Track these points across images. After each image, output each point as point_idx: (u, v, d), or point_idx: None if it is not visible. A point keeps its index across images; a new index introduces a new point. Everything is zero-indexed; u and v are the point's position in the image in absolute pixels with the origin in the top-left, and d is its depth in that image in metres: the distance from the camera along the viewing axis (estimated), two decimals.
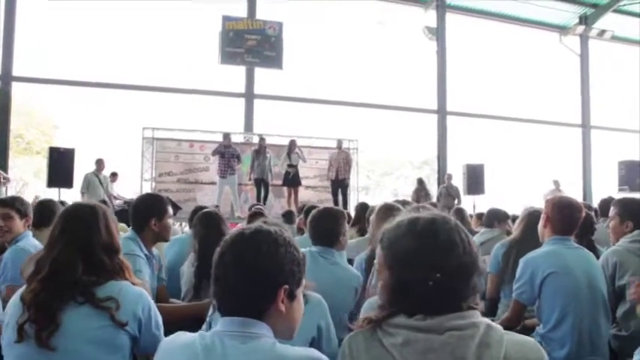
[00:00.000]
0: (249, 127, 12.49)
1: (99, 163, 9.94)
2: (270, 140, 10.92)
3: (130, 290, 1.56)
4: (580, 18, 15.20)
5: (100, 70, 12.56)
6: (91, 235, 1.61)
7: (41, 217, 3.49)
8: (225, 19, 12.25)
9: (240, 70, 12.70)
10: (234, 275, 1.15)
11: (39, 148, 20.02)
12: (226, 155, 9.89)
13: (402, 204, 2.98)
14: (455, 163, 13.78)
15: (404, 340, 1.06)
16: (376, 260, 2.01)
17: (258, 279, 1.14)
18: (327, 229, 2.58)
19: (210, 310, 1.77)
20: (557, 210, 2.55)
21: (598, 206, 4.79)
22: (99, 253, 1.59)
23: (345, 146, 11.64)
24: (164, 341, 1.24)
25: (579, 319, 2.30)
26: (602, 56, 16.04)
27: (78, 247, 1.57)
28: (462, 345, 1.03)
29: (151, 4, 12.65)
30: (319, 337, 1.79)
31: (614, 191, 12.57)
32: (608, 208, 3.08)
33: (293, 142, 10.51)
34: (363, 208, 4.68)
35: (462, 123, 14.80)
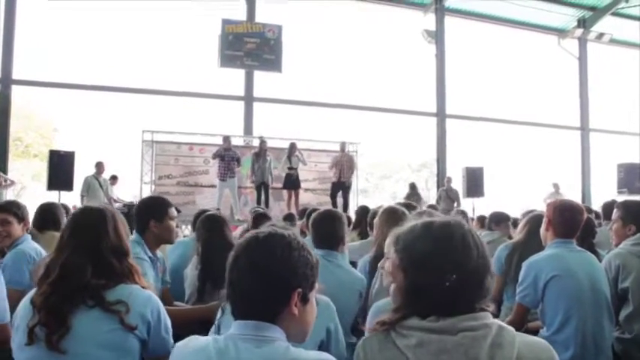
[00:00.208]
0: (248, 130, 12.50)
1: (99, 166, 9.92)
2: (270, 143, 10.87)
3: (140, 294, 1.56)
4: (578, 21, 15.26)
5: (100, 73, 12.60)
6: (100, 239, 1.61)
7: (43, 221, 3.52)
8: (225, 22, 12.28)
9: (240, 73, 12.71)
10: (248, 279, 1.15)
11: (37, 151, 19.99)
12: (226, 158, 9.87)
13: (406, 207, 2.98)
14: (454, 166, 13.80)
15: (417, 342, 1.08)
16: (383, 263, 2.02)
17: (272, 282, 1.15)
18: (331, 231, 2.58)
19: (219, 313, 1.78)
20: (559, 213, 2.56)
21: (601, 209, 4.80)
22: (108, 256, 1.59)
23: (346, 149, 11.62)
24: (177, 347, 1.24)
25: (583, 321, 2.31)
26: (601, 59, 16.07)
27: (87, 251, 1.57)
28: (475, 345, 1.05)
29: (151, 7, 12.67)
30: (328, 339, 1.80)
31: (613, 194, 12.59)
32: (611, 210, 3.08)
33: (293, 145, 10.48)
34: (363, 211, 4.69)
35: (461, 126, 14.83)
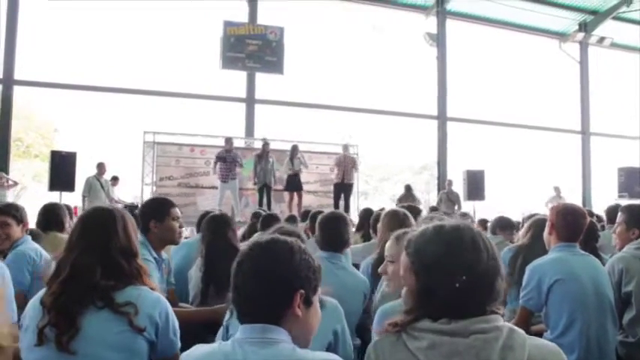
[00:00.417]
0: (249, 132, 12.52)
1: (100, 166, 9.93)
2: (271, 145, 10.85)
3: (149, 295, 1.56)
4: (580, 25, 15.30)
5: (102, 74, 12.61)
6: (110, 239, 1.61)
7: (47, 221, 3.53)
8: (227, 24, 12.30)
9: (241, 75, 12.73)
10: (251, 282, 1.20)
11: (37, 151, 19.99)
12: (228, 160, 9.87)
13: (409, 210, 2.99)
14: (455, 168, 13.81)
15: (429, 344, 1.09)
16: (383, 269, 2.02)
17: (274, 284, 1.19)
18: (338, 233, 2.59)
19: (228, 315, 1.79)
20: (562, 217, 2.56)
21: (605, 213, 4.81)
22: (117, 256, 1.59)
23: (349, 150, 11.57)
24: (183, 357, 1.27)
25: (587, 325, 2.31)
26: (602, 63, 16.11)
27: (96, 251, 1.57)
28: (486, 348, 1.06)
29: (152, 8, 12.70)
30: (336, 341, 1.81)
31: (613, 198, 12.60)
32: (615, 214, 3.09)
33: (295, 147, 10.48)
34: (367, 213, 4.67)
35: (461, 129, 14.85)
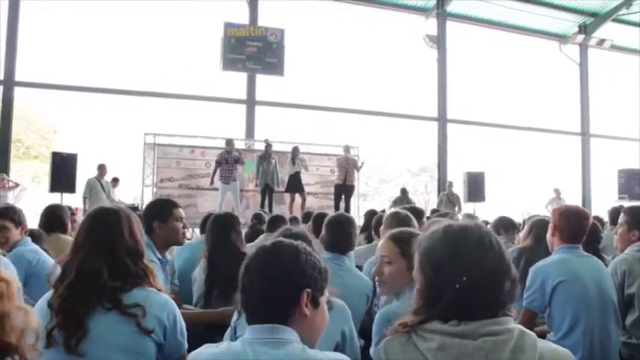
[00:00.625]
0: (250, 133, 12.52)
1: (101, 168, 9.92)
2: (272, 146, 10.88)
3: (156, 297, 1.56)
4: (579, 27, 15.33)
5: (102, 76, 12.59)
6: (116, 240, 1.60)
7: (50, 223, 3.53)
8: (227, 25, 12.30)
9: (242, 77, 12.74)
10: (258, 283, 1.22)
11: (37, 152, 19.96)
12: (229, 161, 9.85)
13: (412, 211, 2.99)
14: (455, 170, 13.82)
15: (439, 345, 1.10)
16: (376, 272, 2.02)
17: (280, 283, 1.21)
18: (345, 235, 2.60)
19: (235, 316, 1.79)
20: (565, 218, 2.57)
21: (608, 214, 4.83)
22: (123, 257, 1.58)
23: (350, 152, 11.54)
24: (191, 356, 1.28)
25: (590, 326, 2.31)
26: (602, 65, 16.14)
27: (103, 252, 1.56)
28: (496, 350, 1.07)
29: (153, 10, 12.71)
30: (343, 342, 1.82)
31: (613, 200, 12.61)
32: (617, 215, 3.10)
33: (296, 149, 10.48)
34: (371, 215, 4.67)
35: (461, 131, 14.86)
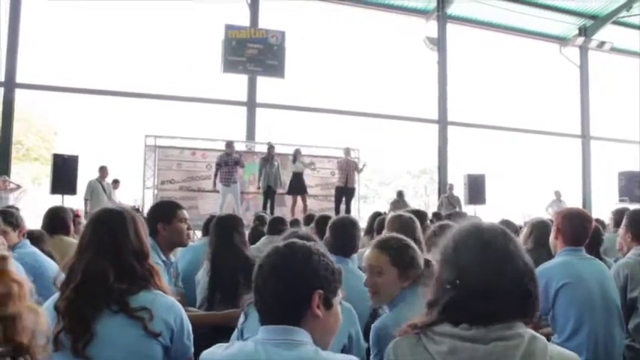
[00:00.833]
0: (251, 135, 12.51)
1: (102, 170, 9.91)
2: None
3: (163, 300, 1.56)
4: (580, 29, 15.35)
5: (103, 78, 12.58)
6: (121, 241, 1.59)
7: (52, 225, 3.53)
8: (228, 27, 12.31)
9: (243, 79, 12.74)
10: (270, 283, 1.22)
11: (37, 154, 19.94)
12: (229, 163, 9.85)
13: (415, 214, 3.00)
14: (455, 173, 13.82)
15: (449, 349, 1.10)
16: (368, 282, 2.00)
17: (292, 283, 1.21)
18: (350, 238, 2.60)
19: (242, 319, 1.79)
20: (568, 221, 2.58)
21: (612, 215, 4.83)
22: (129, 258, 1.58)
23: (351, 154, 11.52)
24: (204, 356, 1.28)
25: (594, 329, 2.32)
26: (602, 67, 16.15)
27: (108, 254, 1.56)
28: (507, 355, 1.07)
29: (154, 12, 12.72)
30: (350, 344, 1.82)
31: (614, 202, 12.60)
32: (622, 218, 3.10)
33: (298, 151, 10.49)
34: (376, 217, 4.66)
35: (462, 133, 14.86)
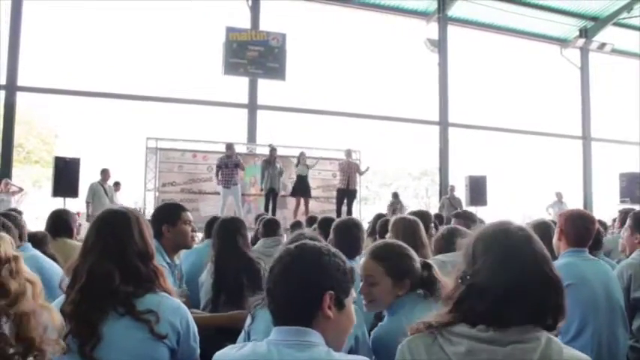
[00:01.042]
0: (252, 137, 12.53)
1: (104, 172, 9.92)
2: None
3: (169, 303, 1.55)
4: (580, 31, 15.36)
5: (104, 80, 12.61)
6: (125, 243, 1.58)
7: (56, 228, 3.53)
8: (229, 30, 12.34)
9: (244, 81, 12.76)
10: (281, 284, 1.23)
11: (38, 157, 19.94)
12: (229, 165, 9.86)
13: (419, 215, 3.00)
14: (456, 174, 13.81)
15: (467, 350, 1.09)
16: (364, 289, 2.00)
17: (303, 284, 1.22)
18: (354, 239, 2.60)
19: (249, 321, 1.79)
20: (571, 223, 2.57)
21: (618, 215, 4.83)
22: (134, 260, 1.57)
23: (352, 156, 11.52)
24: (215, 358, 1.28)
25: (598, 330, 2.32)
26: (603, 69, 16.15)
27: (113, 255, 1.55)
28: (525, 358, 1.07)
29: (155, 14, 12.75)
30: (357, 346, 1.82)
31: (615, 203, 12.59)
32: (626, 218, 3.11)
33: (302, 154, 10.50)
34: (379, 219, 4.66)
35: (463, 134, 14.87)
